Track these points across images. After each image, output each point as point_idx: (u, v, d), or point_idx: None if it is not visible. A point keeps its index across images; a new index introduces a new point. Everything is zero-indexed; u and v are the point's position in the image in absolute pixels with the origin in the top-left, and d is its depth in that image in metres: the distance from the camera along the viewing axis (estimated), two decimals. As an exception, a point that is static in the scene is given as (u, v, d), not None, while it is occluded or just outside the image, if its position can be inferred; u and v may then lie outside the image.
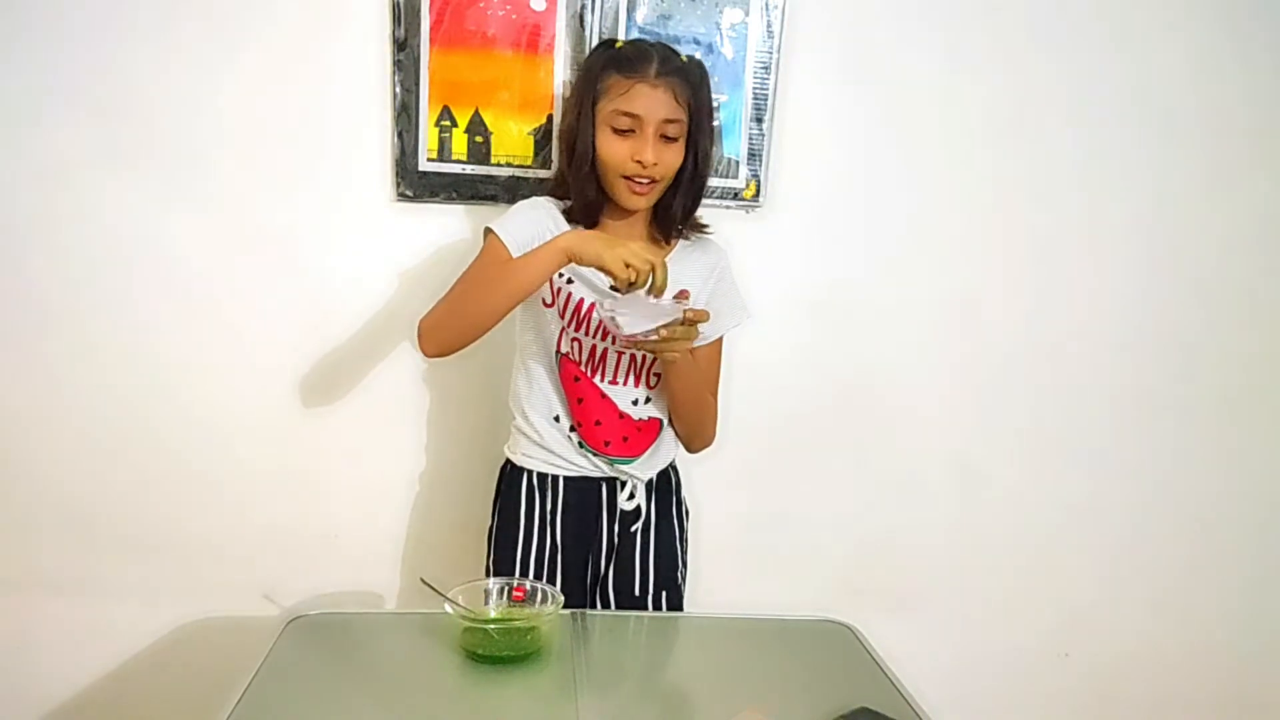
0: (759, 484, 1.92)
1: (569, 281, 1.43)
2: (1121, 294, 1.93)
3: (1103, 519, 2.02)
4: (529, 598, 1.34)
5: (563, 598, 1.32)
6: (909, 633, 1.70)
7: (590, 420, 1.47)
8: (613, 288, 1.32)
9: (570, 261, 1.30)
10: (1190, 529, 2.05)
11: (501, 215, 1.45)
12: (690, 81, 1.39)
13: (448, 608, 1.27)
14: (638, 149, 1.36)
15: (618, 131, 1.38)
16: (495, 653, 1.25)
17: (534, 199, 1.49)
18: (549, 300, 1.45)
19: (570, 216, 1.46)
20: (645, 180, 1.39)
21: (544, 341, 1.46)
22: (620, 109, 1.36)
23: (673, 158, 1.39)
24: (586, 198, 1.43)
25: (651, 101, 1.36)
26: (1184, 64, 1.84)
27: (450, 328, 1.37)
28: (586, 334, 1.45)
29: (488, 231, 1.42)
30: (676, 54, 1.41)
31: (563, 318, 1.45)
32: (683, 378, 1.44)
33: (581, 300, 1.44)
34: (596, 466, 1.49)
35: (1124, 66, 1.83)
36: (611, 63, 1.39)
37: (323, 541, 1.83)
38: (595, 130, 1.39)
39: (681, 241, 1.51)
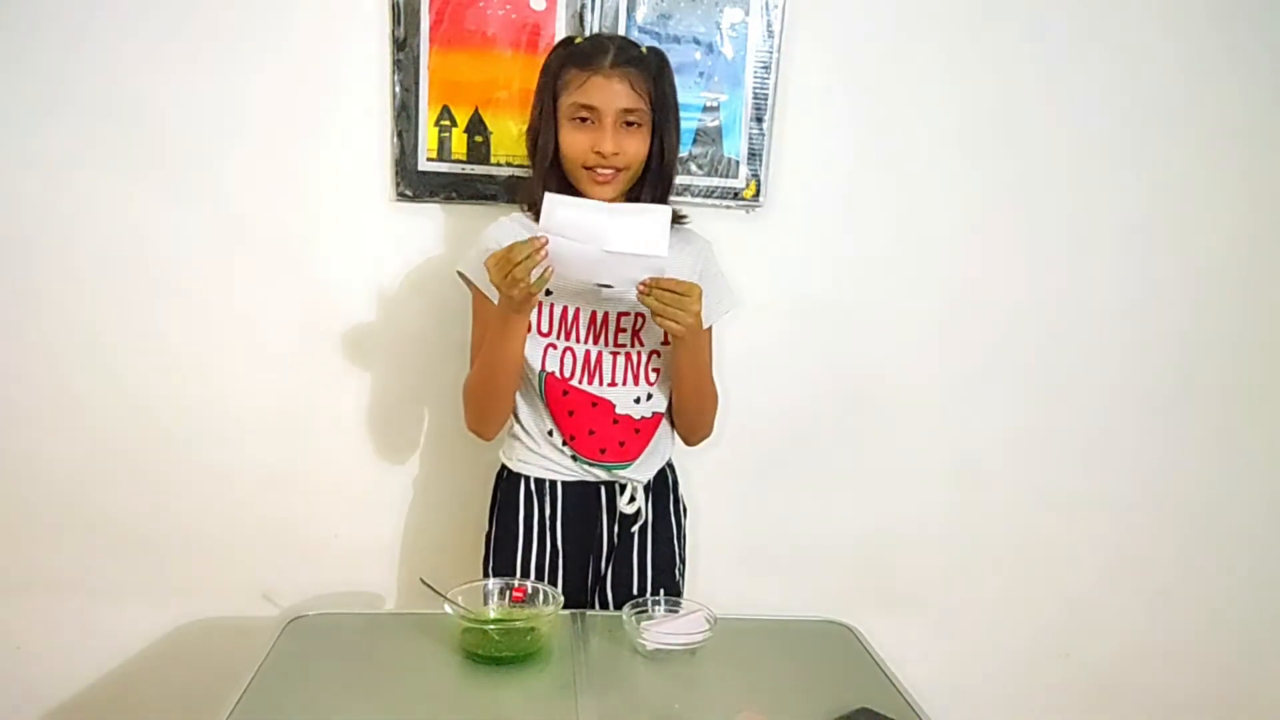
0: (759, 484, 1.92)
1: (548, 293, 1.42)
2: (1119, 292, 1.93)
3: (1102, 518, 2.02)
4: (529, 598, 1.34)
5: (562, 598, 1.32)
6: (909, 633, 1.70)
7: (584, 431, 1.47)
8: (600, 285, 1.32)
9: (523, 311, 1.33)
10: (1190, 527, 2.05)
11: (468, 255, 1.47)
12: (649, 72, 1.38)
13: (447, 608, 1.27)
14: (597, 140, 1.37)
15: (578, 125, 1.38)
16: (495, 653, 1.25)
17: (499, 221, 1.49)
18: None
19: (538, 218, 1.46)
20: (607, 170, 1.39)
21: (528, 367, 1.46)
22: (578, 102, 1.37)
23: (635, 147, 1.39)
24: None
25: (607, 93, 1.36)
26: (1179, 64, 1.84)
27: (488, 421, 1.48)
28: (579, 341, 1.45)
29: (463, 277, 1.46)
30: (634, 45, 1.41)
31: (549, 334, 1.44)
32: (690, 353, 1.42)
33: (566, 308, 1.44)
34: (593, 474, 1.49)
35: (1122, 66, 1.83)
36: (569, 58, 1.39)
37: (322, 542, 1.83)
38: (557, 126, 1.40)
39: None
